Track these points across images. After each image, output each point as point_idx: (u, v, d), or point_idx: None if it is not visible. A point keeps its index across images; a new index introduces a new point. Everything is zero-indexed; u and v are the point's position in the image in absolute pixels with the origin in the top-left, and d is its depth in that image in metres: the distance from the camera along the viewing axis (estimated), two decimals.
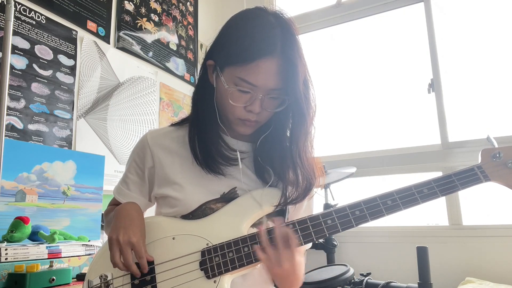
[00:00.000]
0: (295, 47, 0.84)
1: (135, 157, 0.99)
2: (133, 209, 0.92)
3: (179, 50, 2.63)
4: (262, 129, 0.93)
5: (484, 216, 2.14)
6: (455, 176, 0.85)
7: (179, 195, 0.90)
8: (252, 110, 0.86)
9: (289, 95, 0.85)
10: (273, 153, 0.91)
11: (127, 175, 1.00)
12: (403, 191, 0.84)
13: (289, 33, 0.85)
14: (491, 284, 1.82)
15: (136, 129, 2.21)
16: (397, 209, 0.83)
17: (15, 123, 1.60)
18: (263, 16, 0.86)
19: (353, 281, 1.63)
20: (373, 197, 0.85)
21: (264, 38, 0.82)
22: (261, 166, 0.92)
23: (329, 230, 0.83)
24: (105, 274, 0.88)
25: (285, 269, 0.79)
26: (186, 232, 0.88)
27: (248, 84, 0.83)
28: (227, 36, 0.88)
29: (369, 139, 2.53)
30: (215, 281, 0.82)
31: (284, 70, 0.83)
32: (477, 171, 0.86)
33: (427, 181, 0.85)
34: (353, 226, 0.83)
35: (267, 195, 0.89)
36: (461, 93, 2.32)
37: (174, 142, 0.97)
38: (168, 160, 0.95)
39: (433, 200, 0.84)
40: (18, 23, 1.65)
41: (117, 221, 0.88)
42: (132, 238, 0.83)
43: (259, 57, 0.81)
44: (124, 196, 0.99)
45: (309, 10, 2.88)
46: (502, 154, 0.86)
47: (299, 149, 0.89)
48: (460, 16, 2.41)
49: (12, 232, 1.35)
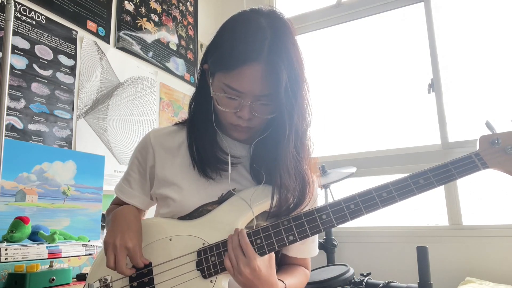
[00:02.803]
0: (283, 50, 0.80)
1: (137, 155, 0.99)
2: (130, 213, 0.92)
3: (179, 50, 2.63)
4: (260, 133, 0.92)
5: (484, 216, 2.14)
6: (452, 165, 0.82)
7: (177, 196, 0.90)
8: (241, 116, 0.85)
9: (284, 99, 0.81)
10: (267, 157, 0.89)
11: (129, 173, 1.00)
12: (399, 183, 0.82)
13: (279, 36, 0.81)
14: (491, 284, 1.81)
15: (136, 129, 2.21)
16: (392, 201, 0.81)
17: (15, 123, 1.60)
18: (254, 20, 0.83)
19: (353, 281, 1.63)
20: (368, 190, 0.83)
21: (249, 44, 0.80)
22: (256, 169, 0.92)
23: (324, 225, 0.82)
24: (104, 277, 0.88)
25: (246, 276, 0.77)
26: (182, 232, 0.88)
27: (233, 90, 0.82)
28: (217, 41, 0.87)
29: (369, 139, 2.53)
30: (212, 280, 0.82)
31: (269, 75, 0.80)
32: (475, 159, 0.82)
33: (423, 171, 0.82)
34: (348, 220, 0.82)
35: (258, 195, 0.88)
36: (461, 93, 2.32)
37: (176, 142, 0.97)
38: (169, 160, 0.95)
39: (430, 190, 0.81)
40: (18, 23, 1.65)
41: (114, 225, 0.88)
42: (128, 243, 0.83)
43: (243, 63, 0.79)
44: (126, 195, 0.99)
45: (309, 10, 2.87)
46: (501, 140, 0.81)
47: (293, 153, 0.86)
48: (460, 16, 2.41)
49: (12, 232, 1.36)
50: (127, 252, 0.83)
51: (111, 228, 0.88)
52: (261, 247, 0.82)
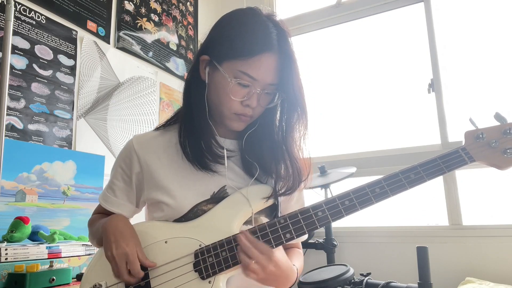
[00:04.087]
0: (290, 45, 0.88)
1: (121, 163, 0.98)
2: (119, 221, 0.91)
3: (179, 50, 2.63)
4: (248, 126, 0.95)
5: (484, 216, 2.14)
6: (440, 159, 0.86)
7: (170, 200, 0.90)
8: (249, 104, 0.88)
9: (284, 90, 0.88)
10: (261, 148, 0.93)
11: (113, 181, 0.98)
12: (390, 178, 0.86)
13: (283, 32, 0.88)
14: (491, 284, 1.81)
15: (136, 129, 2.21)
16: (385, 196, 0.84)
17: (15, 123, 1.60)
18: (258, 15, 0.90)
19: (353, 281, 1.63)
20: (361, 186, 0.86)
21: (264, 34, 0.86)
22: (249, 163, 0.93)
23: (320, 221, 0.84)
24: (99, 283, 0.87)
25: (271, 271, 0.79)
26: (178, 235, 0.87)
27: (248, 77, 0.85)
28: (226, 31, 0.90)
29: (369, 139, 2.53)
30: (210, 281, 0.82)
31: (282, 66, 0.87)
32: (462, 153, 0.86)
33: (413, 166, 0.87)
34: (344, 216, 0.84)
35: (256, 192, 0.89)
36: (461, 93, 2.32)
37: (161, 145, 0.96)
38: (156, 164, 0.94)
39: (421, 184, 0.85)
40: (18, 23, 1.65)
41: (107, 238, 0.87)
42: (125, 249, 0.83)
43: (261, 52, 0.84)
44: (111, 204, 0.97)
45: (309, 10, 2.87)
46: (485, 134, 0.87)
47: (291, 142, 0.92)
48: (460, 16, 2.41)
49: (12, 232, 1.36)
50: (125, 258, 0.82)
51: (104, 242, 0.87)
52: None
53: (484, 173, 2.12)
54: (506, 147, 0.84)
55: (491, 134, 0.86)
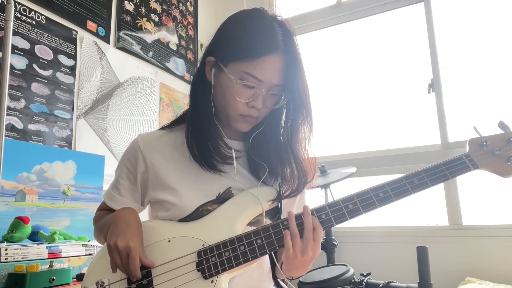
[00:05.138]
0: (296, 46, 0.88)
1: (126, 162, 0.98)
2: (130, 215, 0.91)
3: (179, 50, 2.63)
4: (254, 127, 0.95)
5: (485, 216, 2.14)
6: (444, 166, 0.87)
7: (175, 199, 0.90)
8: (255, 106, 0.88)
9: (290, 91, 0.88)
10: (267, 149, 0.94)
11: (118, 180, 0.99)
12: (395, 183, 0.86)
13: (289, 33, 0.88)
14: (491, 284, 1.81)
15: (136, 129, 2.21)
16: (389, 200, 0.85)
17: (15, 123, 1.60)
18: (264, 16, 0.90)
19: (353, 281, 1.63)
20: (365, 190, 0.86)
21: (269, 36, 0.86)
22: (255, 164, 0.94)
23: (324, 224, 0.84)
24: (101, 280, 0.87)
25: (306, 259, 0.81)
26: (181, 234, 0.88)
27: (254, 78, 0.85)
28: (231, 33, 0.90)
29: (369, 139, 2.53)
30: (212, 281, 0.83)
31: (288, 67, 0.87)
32: (465, 160, 0.87)
33: (417, 172, 0.87)
34: (347, 219, 0.85)
35: (262, 193, 0.90)
36: (461, 93, 2.32)
37: (167, 145, 0.97)
38: (162, 164, 0.94)
39: (424, 190, 0.85)
40: (18, 23, 1.65)
41: (115, 227, 0.87)
42: (130, 243, 0.82)
43: (266, 53, 0.84)
44: (115, 202, 0.97)
45: (309, 10, 2.87)
46: (489, 142, 0.88)
47: (296, 144, 0.92)
48: (460, 16, 2.41)
49: (12, 232, 1.36)
50: (128, 252, 0.82)
51: (111, 230, 0.87)
52: (261, 247, 0.83)
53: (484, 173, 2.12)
54: (509, 155, 0.86)
55: (495, 142, 0.88)
